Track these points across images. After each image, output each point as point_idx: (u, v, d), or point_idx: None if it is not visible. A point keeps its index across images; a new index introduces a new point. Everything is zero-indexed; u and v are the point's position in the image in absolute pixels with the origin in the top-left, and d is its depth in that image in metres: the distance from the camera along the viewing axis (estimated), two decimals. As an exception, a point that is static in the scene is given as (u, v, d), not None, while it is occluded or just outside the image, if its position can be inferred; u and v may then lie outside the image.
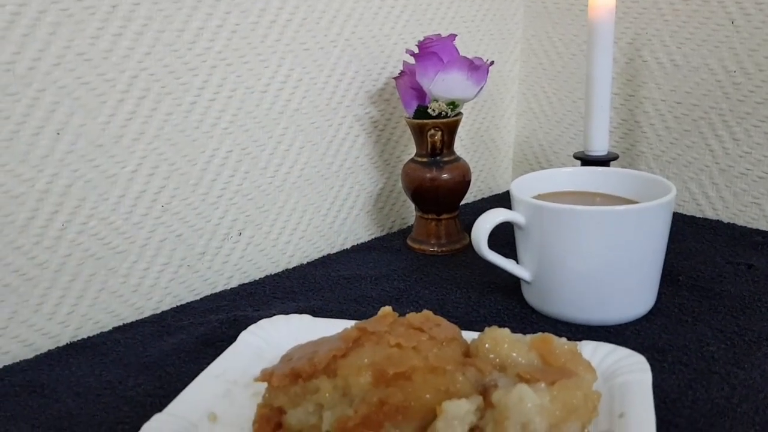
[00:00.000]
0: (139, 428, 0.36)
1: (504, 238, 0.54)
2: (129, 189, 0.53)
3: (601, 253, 0.47)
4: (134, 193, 0.54)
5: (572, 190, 0.55)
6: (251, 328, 0.47)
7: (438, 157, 0.62)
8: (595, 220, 0.47)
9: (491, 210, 0.51)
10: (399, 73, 0.63)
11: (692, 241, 0.64)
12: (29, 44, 0.47)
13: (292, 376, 0.38)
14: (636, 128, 0.74)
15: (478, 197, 0.82)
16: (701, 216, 0.71)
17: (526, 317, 0.51)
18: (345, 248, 0.68)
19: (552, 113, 0.82)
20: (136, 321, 0.53)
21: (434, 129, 0.61)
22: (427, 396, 0.36)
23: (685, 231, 0.66)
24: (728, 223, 0.68)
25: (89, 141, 0.51)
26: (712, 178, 0.70)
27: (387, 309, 0.43)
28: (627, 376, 0.40)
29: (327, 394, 0.37)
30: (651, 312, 0.51)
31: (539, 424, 0.33)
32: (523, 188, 0.52)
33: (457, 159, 0.64)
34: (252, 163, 0.60)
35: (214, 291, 0.59)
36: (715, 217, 0.70)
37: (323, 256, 0.65)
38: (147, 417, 0.37)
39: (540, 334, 0.40)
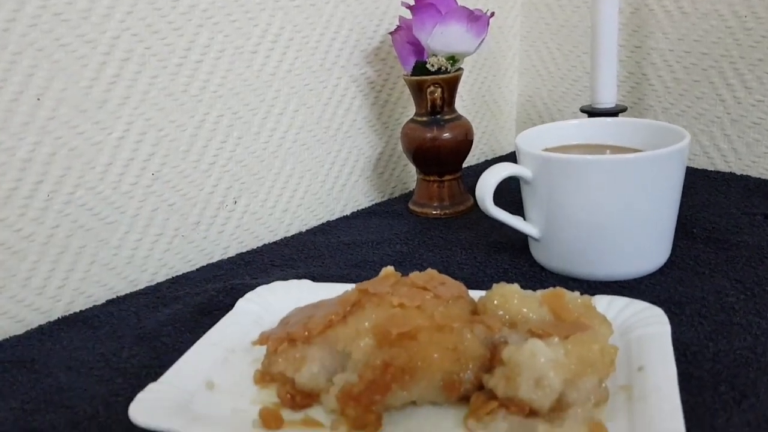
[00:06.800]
0: (133, 399, 0.34)
1: (509, 197, 0.51)
2: (116, 157, 0.51)
3: (612, 205, 0.45)
4: (122, 161, 0.51)
5: (580, 143, 0.53)
6: (249, 295, 0.45)
7: (438, 116, 0.60)
8: (605, 170, 0.45)
9: (496, 164, 0.48)
10: (395, 28, 0.60)
11: (705, 194, 0.61)
12: (2, 4, 0.44)
13: (287, 340, 0.37)
14: (643, 81, 0.71)
15: (481, 160, 0.79)
16: (713, 169, 0.68)
17: (536, 275, 0.49)
18: (345, 215, 0.65)
19: (556, 69, 0.79)
20: (131, 293, 0.51)
21: (434, 86, 0.58)
22: (435, 355, 0.34)
23: (697, 184, 0.63)
24: (741, 175, 0.66)
25: (72, 106, 0.48)
26: (723, 129, 0.67)
27: (389, 269, 0.41)
28: (644, 329, 0.38)
29: (322, 360, 0.35)
30: (665, 265, 0.48)
31: (553, 379, 0.32)
32: (529, 142, 0.50)
33: (459, 117, 0.61)
34: (244, 128, 0.58)
35: (210, 261, 0.57)
36: (727, 170, 0.68)
37: (322, 224, 0.63)
38: (142, 388, 0.35)
39: (551, 288, 0.38)
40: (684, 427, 0.30)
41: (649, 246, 0.47)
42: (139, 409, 0.33)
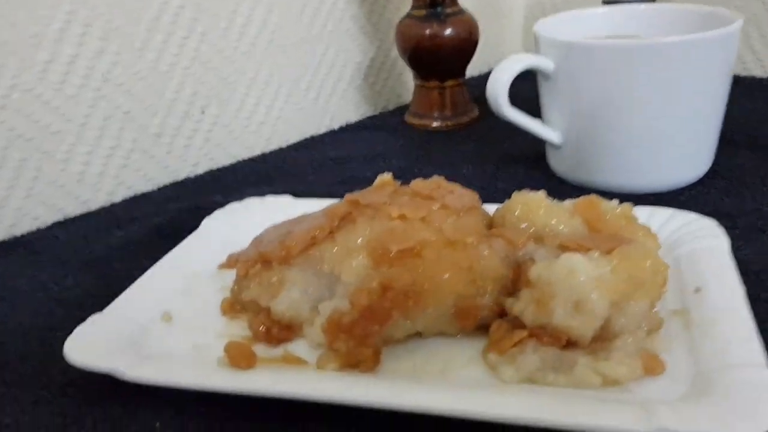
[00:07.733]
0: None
1: (523, 104, 0.43)
2: (57, 53, 0.43)
3: (649, 102, 0.38)
4: (65, 58, 0.43)
5: (609, 35, 0.45)
6: (217, 213, 0.38)
7: (439, 9, 0.51)
8: (641, 58, 0.37)
9: (511, 56, 0.41)
10: None
11: (743, 100, 0.54)
12: None
13: (261, 261, 0.30)
14: (670, -26, 0.63)
15: (484, 70, 0.71)
16: (747, 75, 0.61)
17: (555, 189, 0.42)
18: (332, 129, 0.58)
19: (568, -35, 0.70)
20: (82, 215, 0.44)
21: (433, -30, 0.50)
22: (445, 276, 0.28)
23: (733, 91, 0.56)
24: (779, 80, 0.59)
25: (-6, -13, 0.40)
26: (759, 27, 0.59)
27: (386, 177, 0.34)
28: (696, 244, 0.32)
29: (304, 284, 0.29)
30: (706, 175, 0.42)
31: (597, 301, 0.25)
32: (549, 32, 0.42)
33: (462, 11, 0.53)
34: (210, 22, 0.49)
35: (175, 180, 0.49)
36: (763, 75, 0.60)
37: (306, 139, 0.56)
38: (84, 320, 0.28)
39: (584, 197, 0.31)
40: (765, 356, 0.24)
41: (689, 151, 0.40)
42: (76, 346, 0.27)
